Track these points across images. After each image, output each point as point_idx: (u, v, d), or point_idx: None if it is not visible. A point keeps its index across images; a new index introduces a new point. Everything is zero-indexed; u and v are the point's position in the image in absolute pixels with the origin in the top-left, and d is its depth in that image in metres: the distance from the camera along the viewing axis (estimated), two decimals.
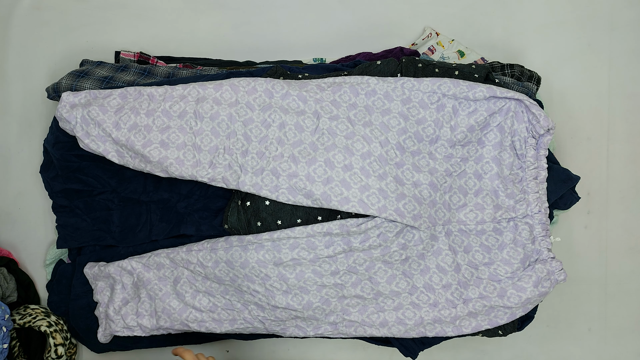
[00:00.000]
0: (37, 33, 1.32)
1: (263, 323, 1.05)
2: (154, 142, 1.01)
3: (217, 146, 1.02)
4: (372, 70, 1.08)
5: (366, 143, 1.01)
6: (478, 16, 1.36)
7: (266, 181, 1.00)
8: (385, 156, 1.02)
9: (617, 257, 1.33)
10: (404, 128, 1.03)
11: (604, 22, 1.36)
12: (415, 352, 1.10)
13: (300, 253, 1.00)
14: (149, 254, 1.08)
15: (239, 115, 1.03)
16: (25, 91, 1.30)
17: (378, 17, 1.36)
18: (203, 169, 1.01)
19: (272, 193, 1.00)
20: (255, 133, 1.03)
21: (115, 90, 1.04)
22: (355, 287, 1.03)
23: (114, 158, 1.02)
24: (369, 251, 1.01)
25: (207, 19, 1.35)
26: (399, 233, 1.01)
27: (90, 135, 1.01)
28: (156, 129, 1.02)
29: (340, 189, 0.99)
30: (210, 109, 1.03)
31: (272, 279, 1.00)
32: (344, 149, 1.01)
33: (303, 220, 1.04)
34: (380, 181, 1.00)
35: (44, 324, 1.15)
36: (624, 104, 1.34)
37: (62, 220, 1.13)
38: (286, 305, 1.01)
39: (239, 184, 1.01)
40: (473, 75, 1.06)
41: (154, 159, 1.00)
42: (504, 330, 1.05)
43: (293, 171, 1.00)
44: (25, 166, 1.28)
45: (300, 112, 1.03)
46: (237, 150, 1.02)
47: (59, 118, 1.03)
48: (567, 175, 1.09)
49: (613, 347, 1.32)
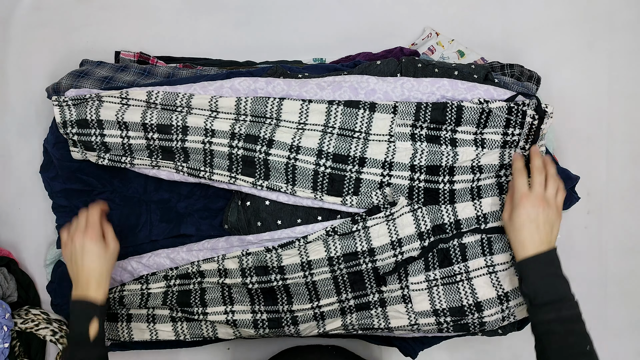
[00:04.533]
0: (37, 33, 1.32)
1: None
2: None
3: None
4: (372, 70, 1.08)
5: None
6: (478, 16, 1.36)
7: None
8: None
9: (617, 257, 1.33)
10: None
11: (604, 22, 1.36)
12: (415, 352, 1.10)
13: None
14: (149, 254, 1.08)
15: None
16: (25, 91, 1.30)
17: (378, 17, 1.36)
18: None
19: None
20: None
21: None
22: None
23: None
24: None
25: (207, 19, 1.35)
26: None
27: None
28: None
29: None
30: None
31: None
32: None
33: (303, 220, 1.04)
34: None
35: (48, 334, 1.15)
36: (624, 104, 1.34)
37: (62, 220, 1.13)
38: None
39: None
40: (472, 75, 1.06)
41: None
42: (504, 329, 1.05)
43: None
44: (25, 166, 1.28)
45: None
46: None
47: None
48: (566, 175, 1.09)
49: (613, 347, 1.32)
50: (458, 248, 1.02)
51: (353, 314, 1.04)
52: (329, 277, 1.01)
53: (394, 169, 1.01)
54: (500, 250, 1.02)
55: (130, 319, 1.08)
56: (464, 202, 1.02)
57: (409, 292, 1.02)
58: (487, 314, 1.00)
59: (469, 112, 0.99)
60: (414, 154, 1.01)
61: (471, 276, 1.02)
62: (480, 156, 1.01)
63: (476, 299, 1.01)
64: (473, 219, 1.02)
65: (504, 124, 1.00)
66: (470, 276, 1.02)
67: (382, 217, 0.99)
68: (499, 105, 0.99)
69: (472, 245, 1.02)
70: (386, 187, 1.01)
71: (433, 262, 1.02)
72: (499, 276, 1.01)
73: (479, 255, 1.02)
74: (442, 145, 1.01)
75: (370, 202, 1.00)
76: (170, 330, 1.07)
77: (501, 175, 1.02)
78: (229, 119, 1.03)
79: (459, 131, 1.01)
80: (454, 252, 1.02)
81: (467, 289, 1.01)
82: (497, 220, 1.02)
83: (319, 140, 1.00)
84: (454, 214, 1.02)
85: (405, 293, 1.02)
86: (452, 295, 1.01)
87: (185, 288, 1.06)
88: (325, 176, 1.00)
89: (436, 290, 1.02)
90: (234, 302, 1.05)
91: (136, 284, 1.07)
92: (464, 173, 1.01)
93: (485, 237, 1.02)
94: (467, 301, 1.01)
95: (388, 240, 0.99)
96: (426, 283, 1.02)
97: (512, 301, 1.01)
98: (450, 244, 1.02)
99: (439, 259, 1.02)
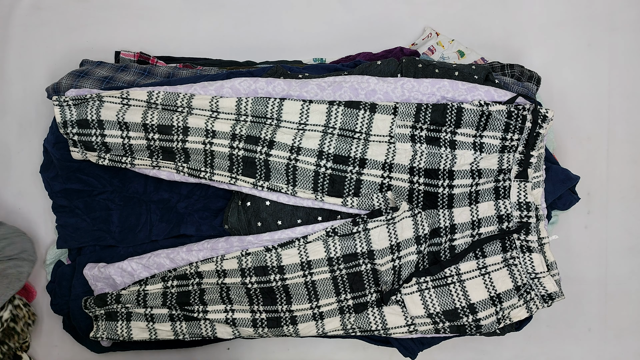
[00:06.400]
0: (37, 33, 1.32)
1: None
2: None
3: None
4: (372, 70, 1.08)
5: None
6: (478, 16, 1.36)
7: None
8: None
9: (617, 257, 1.33)
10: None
11: (604, 22, 1.36)
12: (414, 352, 1.10)
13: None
14: (149, 255, 1.08)
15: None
16: (25, 91, 1.30)
17: (378, 17, 1.36)
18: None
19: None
20: None
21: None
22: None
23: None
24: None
25: (207, 19, 1.35)
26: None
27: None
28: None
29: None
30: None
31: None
32: None
33: (303, 221, 1.04)
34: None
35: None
36: (624, 104, 1.34)
37: (62, 220, 1.13)
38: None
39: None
40: (473, 76, 1.06)
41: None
42: (502, 330, 1.05)
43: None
44: (25, 166, 1.28)
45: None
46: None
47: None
48: (566, 175, 1.09)
49: (613, 347, 1.32)
50: (448, 250, 1.02)
51: (352, 314, 1.04)
52: (328, 277, 1.01)
53: (394, 170, 1.01)
54: (492, 252, 1.02)
55: (129, 317, 1.08)
56: (462, 207, 1.02)
57: (402, 297, 1.02)
58: (481, 316, 1.00)
59: (469, 114, 0.99)
60: (413, 155, 1.01)
61: (463, 278, 1.02)
62: (479, 160, 1.01)
63: (469, 301, 1.01)
64: (468, 223, 1.02)
65: (503, 127, 1.00)
66: (462, 278, 1.02)
67: (382, 220, 0.99)
68: (498, 108, 0.99)
69: (463, 248, 1.02)
70: (387, 192, 1.01)
71: (423, 264, 1.02)
72: (492, 277, 1.02)
73: (471, 257, 1.03)
74: (441, 147, 1.01)
75: (370, 203, 1.00)
76: (169, 329, 1.07)
77: (499, 179, 1.02)
78: (229, 119, 1.03)
79: (458, 133, 1.01)
80: (444, 255, 1.02)
81: (459, 291, 1.02)
82: (491, 225, 1.02)
83: (319, 140, 1.00)
84: (451, 219, 1.02)
85: (399, 298, 1.02)
86: (444, 298, 1.01)
87: (184, 289, 1.06)
88: (326, 177, 1.00)
89: (427, 293, 1.02)
90: (232, 302, 1.05)
91: (134, 286, 1.07)
92: (463, 177, 1.01)
93: (477, 240, 1.02)
94: (460, 303, 1.01)
95: (387, 244, 0.99)
96: (416, 286, 1.02)
97: (505, 302, 1.01)
98: (441, 247, 1.02)
99: (430, 262, 1.02)
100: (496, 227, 1.02)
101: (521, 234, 1.02)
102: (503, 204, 1.02)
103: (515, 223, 1.02)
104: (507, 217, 1.02)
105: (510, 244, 1.02)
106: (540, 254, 1.03)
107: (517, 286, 1.01)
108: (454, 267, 1.02)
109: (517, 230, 1.01)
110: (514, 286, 1.01)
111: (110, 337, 1.10)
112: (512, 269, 1.02)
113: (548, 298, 1.03)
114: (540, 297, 1.03)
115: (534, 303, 1.02)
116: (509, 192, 1.02)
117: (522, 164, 1.02)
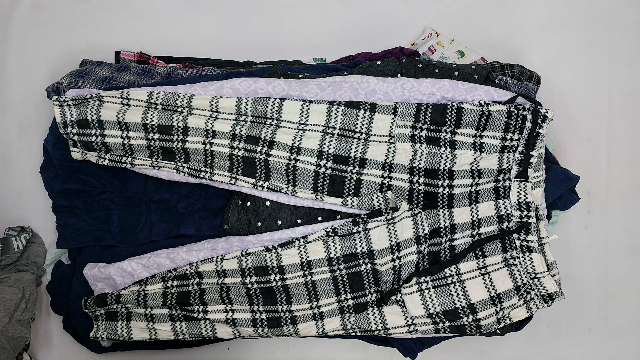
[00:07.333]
0: (37, 33, 1.32)
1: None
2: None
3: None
4: (372, 70, 1.08)
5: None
6: (478, 16, 1.36)
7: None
8: None
9: (617, 257, 1.33)
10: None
11: (604, 22, 1.36)
12: (414, 352, 1.10)
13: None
14: (149, 255, 1.08)
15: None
16: (25, 91, 1.30)
17: (378, 17, 1.36)
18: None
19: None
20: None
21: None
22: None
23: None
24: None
25: (207, 19, 1.35)
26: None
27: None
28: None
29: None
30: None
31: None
32: None
33: (303, 221, 1.04)
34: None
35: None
36: (624, 104, 1.34)
37: (62, 220, 1.13)
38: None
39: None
40: (473, 76, 1.06)
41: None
42: (502, 330, 1.05)
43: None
44: (25, 166, 1.28)
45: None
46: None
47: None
48: (566, 175, 1.09)
49: (613, 347, 1.32)
50: (448, 250, 1.02)
51: (352, 314, 1.04)
52: (328, 277, 1.01)
53: (394, 170, 1.01)
54: (492, 252, 1.02)
55: (129, 317, 1.08)
56: (462, 207, 1.02)
57: (402, 297, 1.02)
58: (481, 316, 1.00)
59: (469, 114, 0.99)
60: (413, 155, 1.01)
61: (463, 278, 1.02)
62: (479, 160, 1.01)
63: (469, 301, 1.01)
64: (468, 223, 1.02)
65: (503, 127, 1.00)
66: (462, 278, 1.02)
67: (383, 220, 0.99)
68: (498, 108, 0.99)
69: (463, 248, 1.02)
70: (387, 192, 1.01)
71: (423, 264, 1.02)
72: (492, 277, 1.02)
73: (471, 257, 1.03)
74: (441, 147, 1.01)
75: (371, 203, 1.00)
76: (169, 329, 1.07)
77: (499, 179, 1.02)
78: (229, 119, 1.03)
79: (458, 133, 1.01)
80: (444, 255, 1.02)
81: (459, 290, 1.02)
82: (491, 225, 1.02)
83: (319, 141, 1.00)
84: (451, 219, 1.02)
85: (399, 298, 1.02)
86: (444, 298, 1.01)
87: (184, 289, 1.06)
88: (326, 177, 1.00)
89: (427, 293, 1.02)
90: (232, 302, 1.05)
91: (134, 286, 1.07)
92: (463, 177, 1.01)
93: (477, 240, 1.02)
94: (460, 303, 1.01)
95: (387, 244, 0.99)
96: (417, 286, 1.02)
97: (505, 302, 1.01)
98: (441, 247, 1.02)
99: (430, 262, 1.02)
100: (496, 227, 1.02)
101: (521, 234, 1.02)
102: (503, 204, 1.02)
103: (515, 223, 1.02)
104: (507, 217, 1.02)
105: (510, 244, 1.02)
106: (540, 254, 1.03)
107: (517, 286, 1.01)
108: (454, 267, 1.02)
109: (517, 230, 1.01)
110: (514, 286, 1.01)
111: (110, 337, 1.10)
112: (512, 269, 1.02)
113: (548, 298, 1.03)
114: (540, 297, 1.03)
115: (534, 303, 1.02)
116: (509, 192, 1.02)
117: (522, 164, 1.02)
